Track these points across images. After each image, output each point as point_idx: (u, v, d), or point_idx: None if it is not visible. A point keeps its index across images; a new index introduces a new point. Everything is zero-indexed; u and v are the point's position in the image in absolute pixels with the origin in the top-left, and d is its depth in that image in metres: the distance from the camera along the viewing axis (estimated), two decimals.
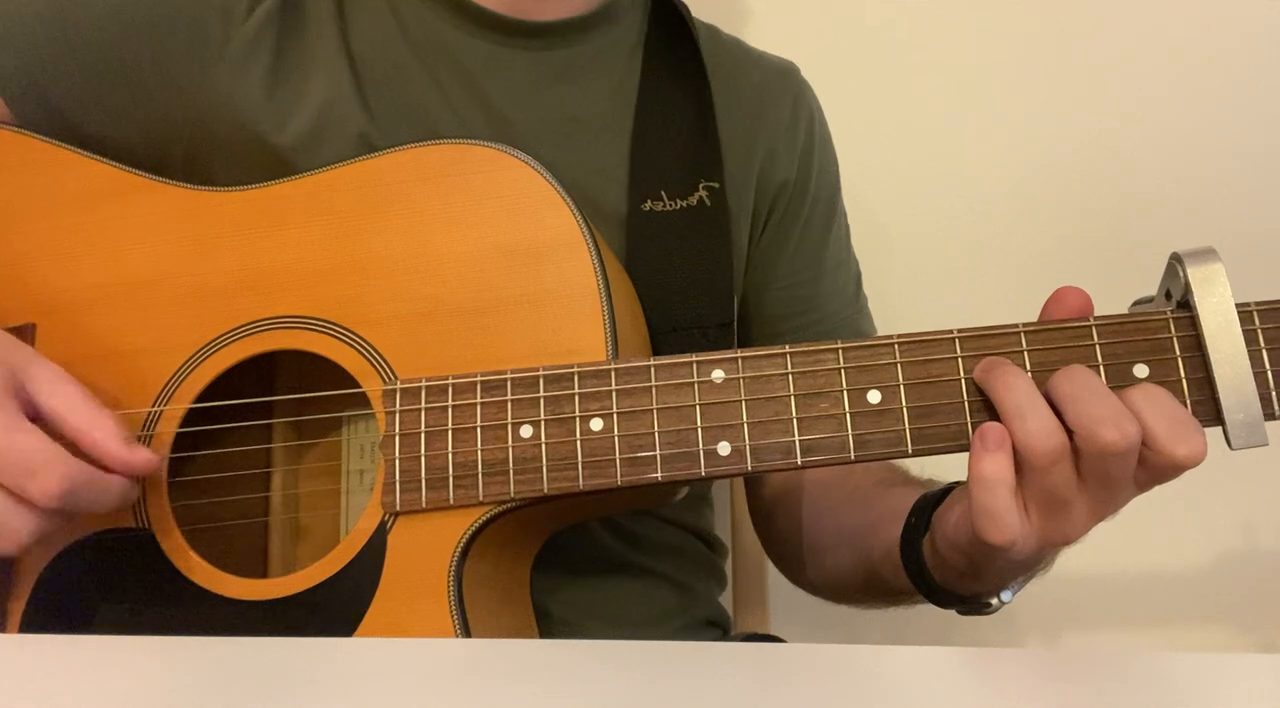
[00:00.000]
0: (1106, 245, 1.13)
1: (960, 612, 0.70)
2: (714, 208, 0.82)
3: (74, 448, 0.62)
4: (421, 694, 0.45)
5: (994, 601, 0.68)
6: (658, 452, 0.62)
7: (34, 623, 0.69)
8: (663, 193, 0.81)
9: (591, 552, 0.80)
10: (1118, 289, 0.65)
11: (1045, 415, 0.56)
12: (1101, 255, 1.11)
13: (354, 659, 0.50)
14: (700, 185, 0.82)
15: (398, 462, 0.65)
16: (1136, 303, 0.63)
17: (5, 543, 0.61)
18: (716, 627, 0.89)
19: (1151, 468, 0.56)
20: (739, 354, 0.63)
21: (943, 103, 1.19)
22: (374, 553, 0.65)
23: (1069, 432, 0.56)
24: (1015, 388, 0.57)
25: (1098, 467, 0.55)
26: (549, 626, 0.74)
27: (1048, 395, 0.57)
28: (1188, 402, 0.58)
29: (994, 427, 0.57)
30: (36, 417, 0.63)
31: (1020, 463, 0.57)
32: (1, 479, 0.60)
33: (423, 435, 0.65)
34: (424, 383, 0.65)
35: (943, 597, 0.68)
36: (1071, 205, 1.16)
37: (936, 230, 1.18)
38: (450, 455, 0.64)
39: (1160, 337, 0.59)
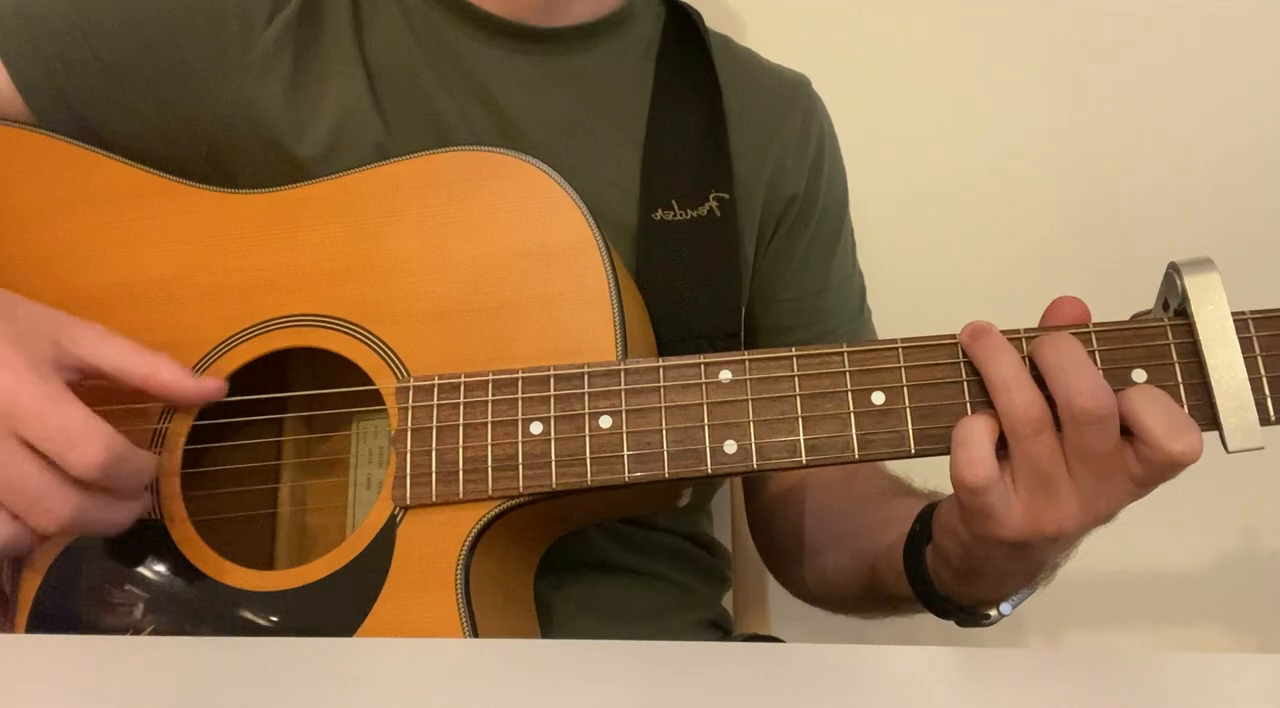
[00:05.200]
0: (1108, 253, 1.13)
1: (960, 623, 0.70)
2: (724, 218, 0.82)
3: (111, 418, 0.62)
4: (422, 694, 0.45)
5: (993, 612, 0.68)
6: (665, 449, 0.63)
7: (44, 614, 0.69)
8: (673, 202, 0.81)
9: (592, 555, 0.80)
10: (1119, 297, 0.66)
11: (1029, 388, 0.58)
12: (1102, 263, 1.12)
13: (354, 659, 0.51)
14: (710, 195, 0.82)
15: (409, 456, 0.66)
16: (1136, 316, 0.64)
17: (45, 519, 0.61)
18: (718, 628, 0.89)
19: (1149, 466, 0.57)
20: (746, 356, 0.64)
21: (949, 112, 1.20)
22: (383, 546, 0.65)
23: (1053, 404, 0.57)
24: (1002, 363, 0.59)
25: (1076, 438, 0.57)
26: (548, 619, 0.75)
27: (1033, 361, 0.59)
28: (1185, 406, 0.59)
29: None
30: (89, 376, 0.64)
31: (1006, 434, 0.58)
32: (46, 450, 0.60)
33: (434, 431, 0.66)
34: (436, 380, 0.66)
35: (943, 605, 0.69)
36: (1075, 214, 1.17)
37: (941, 237, 1.19)
38: (461, 450, 0.65)
39: (1158, 343, 0.60)
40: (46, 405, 0.60)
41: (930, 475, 0.72)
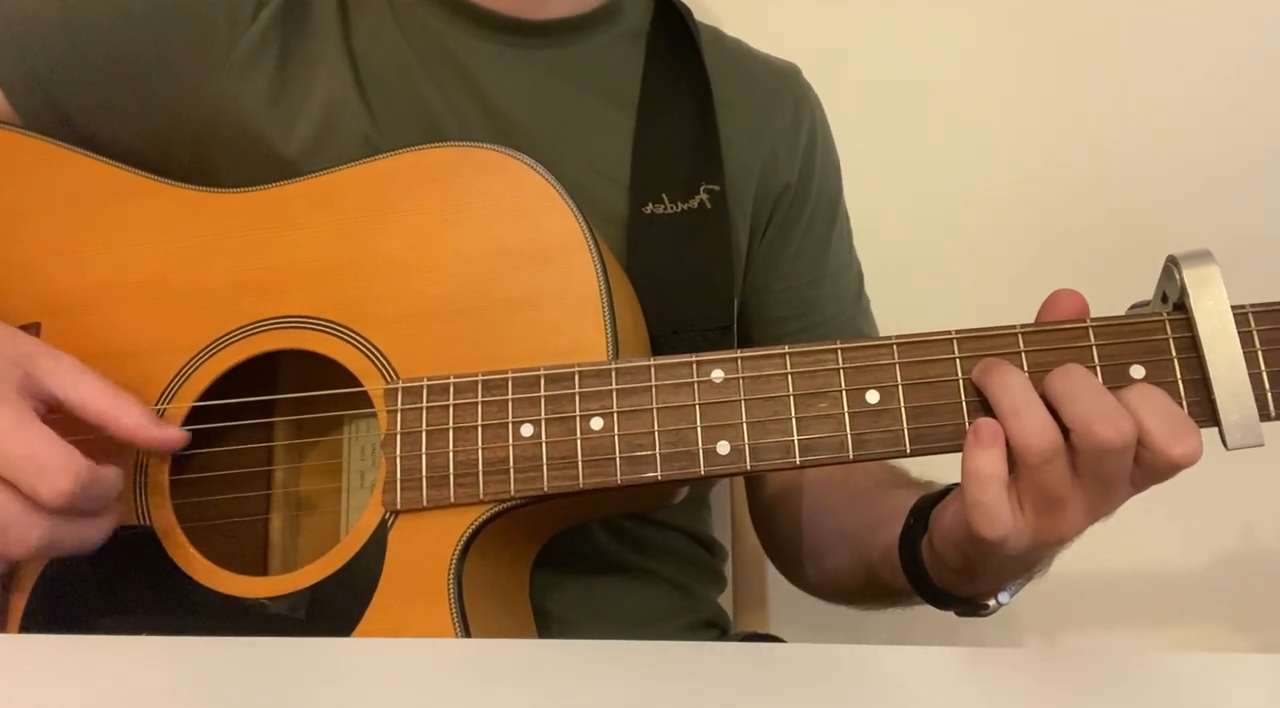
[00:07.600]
0: (1104, 248, 1.13)
1: (958, 613, 0.70)
2: (715, 211, 0.82)
3: (83, 446, 0.61)
4: (421, 694, 0.45)
5: (991, 602, 0.68)
6: (657, 451, 0.62)
7: (35, 620, 0.69)
8: (664, 195, 0.81)
9: (590, 552, 0.80)
10: (1115, 291, 0.65)
11: (1040, 413, 0.56)
12: (1099, 257, 1.11)
13: (354, 659, 0.50)
14: (701, 188, 0.82)
15: (399, 460, 0.65)
16: (1133, 307, 0.63)
17: (17, 547, 0.60)
18: (715, 627, 0.89)
19: (1148, 468, 0.56)
20: (738, 354, 0.63)
21: (944, 105, 1.19)
22: (374, 551, 0.65)
23: (1065, 430, 0.56)
24: (1010, 386, 0.57)
25: (1094, 465, 0.56)
26: (547, 624, 0.75)
27: (1044, 394, 0.57)
28: (1184, 402, 0.58)
29: (987, 422, 0.57)
30: (55, 408, 0.63)
31: (1015, 460, 0.57)
32: (12, 479, 0.59)
33: (424, 434, 0.65)
34: (425, 382, 0.66)
35: (941, 598, 0.68)
36: (1071, 207, 1.16)
37: (936, 231, 1.18)
38: (451, 454, 0.64)
39: (1156, 338, 0.59)
40: (12, 435, 0.59)
41: (926, 465, 0.71)
